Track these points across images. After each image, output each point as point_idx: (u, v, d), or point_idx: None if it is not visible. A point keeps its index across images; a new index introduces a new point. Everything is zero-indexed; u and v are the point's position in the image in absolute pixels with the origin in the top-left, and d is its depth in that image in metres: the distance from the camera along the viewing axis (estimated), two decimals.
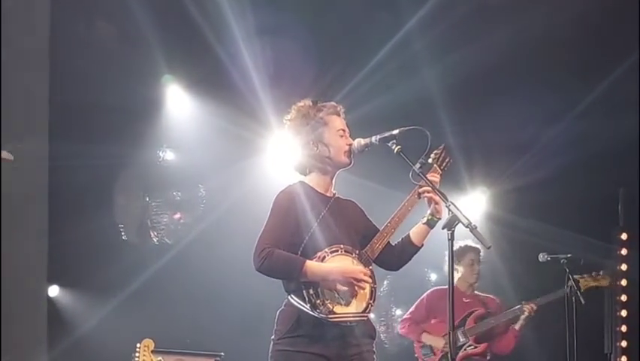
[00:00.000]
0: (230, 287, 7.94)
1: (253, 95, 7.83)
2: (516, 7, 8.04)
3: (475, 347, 7.34)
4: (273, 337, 4.29)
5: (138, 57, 7.78)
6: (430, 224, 4.48)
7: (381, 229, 4.41)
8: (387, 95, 8.20)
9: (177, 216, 8.53)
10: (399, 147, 4.32)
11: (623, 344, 8.37)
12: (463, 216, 4.11)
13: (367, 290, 4.24)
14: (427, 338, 7.37)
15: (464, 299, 7.43)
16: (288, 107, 4.56)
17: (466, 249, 7.44)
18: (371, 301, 4.25)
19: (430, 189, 4.36)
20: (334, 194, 4.47)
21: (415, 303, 7.49)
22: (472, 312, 7.40)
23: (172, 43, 7.84)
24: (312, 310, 4.12)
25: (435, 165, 4.53)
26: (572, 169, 8.34)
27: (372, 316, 8.68)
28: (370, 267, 4.33)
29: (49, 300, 7.72)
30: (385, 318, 9.16)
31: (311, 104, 4.46)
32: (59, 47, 6.94)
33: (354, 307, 4.20)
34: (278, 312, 4.32)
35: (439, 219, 4.44)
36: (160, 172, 8.45)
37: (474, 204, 8.82)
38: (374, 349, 4.38)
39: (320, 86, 7.75)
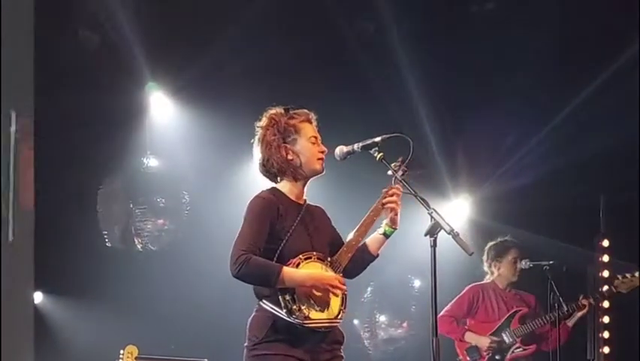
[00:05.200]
0: (214, 293, 7.93)
1: (237, 101, 7.84)
2: (499, 17, 8.12)
3: (524, 349, 7.21)
4: (246, 344, 4.31)
5: (122, 64, 7.79)
6: (387, 234, 4.52)
7: (349, 238, 4.44)
8: (370, 103, 8.23)
9: (161, 222, 8.53)
10: (381, 154, 4.36)
11: (606, 350, 8.40)
12: (446, 223, 4.15)
13: (339, 297, 4.29)
14: (471, 338, 7.20)
15: (504, 298, 7.34)
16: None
17: (509, 245, 7.32)
18: (342, 308, 4.31)
19: (394, 199, 4.41)
20: (305, 201, 4.50)
21: (454, 299, 7.27)
22: (517, 312, 7.32)
23: (156, 50, 7.85)
24: (288, 316, 4.15)
25: (396, 176, 4.53)
26: (554, 176, 8.38)
27: (356, 322, 8.71)
28: (340, 274, 4.38)
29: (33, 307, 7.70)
30: (369, 324, 9.17)
31: (283, 111, 4.47)
32: (43, 56, 6.94)
33: (328, 313, 4.26)
34: (250, 318, 4.33)
35: (395, 229, 4.49)
36: (144, 179, 8.45)
37: (457, 210, 8.84)
38: (342, 354, 4.42)
39: (301, 91, 7.78)
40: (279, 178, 4.47)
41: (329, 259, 4.34)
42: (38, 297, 8.05)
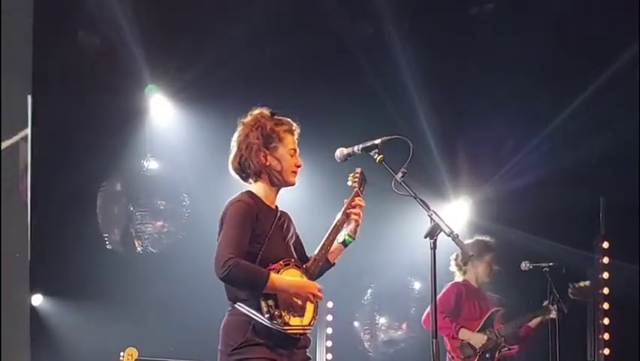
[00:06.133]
0: (214, 295, 7.90)
1: (237, 103, 7.83)
2: (499, 18, 8.14)
3: (509, 349, 7.25)
4: (222, 348, 4.28)
5: (121, 66, 7.80)
6: (346, 244, 4.55)
7: (319, 247, 4.45)
8: (370, 104, 8.24)
9: (161, 224, 8.53)
10: (381, 156, 4.35)
11: (606, 351, 8.40)
12: (445, 224, 4.15)
13: (314, 305, 4.33)
14: (465, 335, 7.18)
15: (481, 296, 7.33)
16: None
17: (489, 247, 7.31)
18: (314, 316, 4.34)
19: (357, 211, 4.47)
20: (277, 207, 4.50)
21: (439, 296, 6.95)
22: (496, 311, 7.31)
23: (155, 52, 7.85)
24: (269, 321, 4.16)
25: (356, 189, 4.53)
26: (554, 178, 8.38)
27: (356, 324, 8.68)
28: None
29: (33, 309, 7.70)
30: (369, 326, 9.17)
31: (269, 115, 4.47)
32: (43, 58, 6.95)
33: (304, 320, 4.29)
34: (224, 321, 4.32)
35: (354, 239, 4.52)
36: (144, 181, 8.45)
37: (457, 212, 8.83)
38: (309, 355, 4.44)
39: (302, 92, 7.80)
40: (251, 180, 4.48)
41: (304, 266, 4.37)
42: (38, 299, 8.05)
